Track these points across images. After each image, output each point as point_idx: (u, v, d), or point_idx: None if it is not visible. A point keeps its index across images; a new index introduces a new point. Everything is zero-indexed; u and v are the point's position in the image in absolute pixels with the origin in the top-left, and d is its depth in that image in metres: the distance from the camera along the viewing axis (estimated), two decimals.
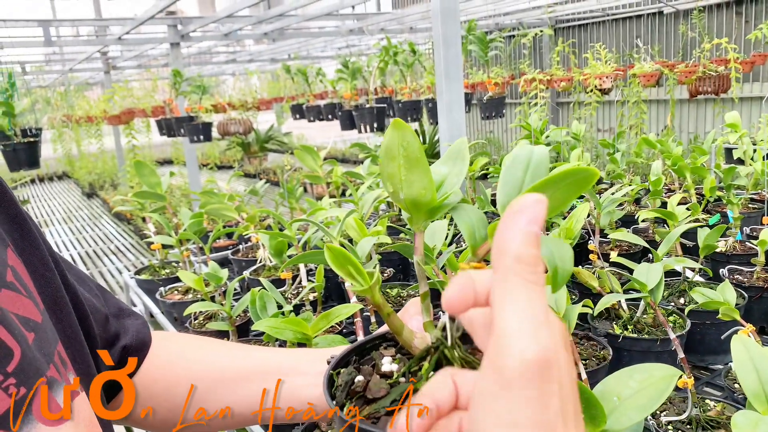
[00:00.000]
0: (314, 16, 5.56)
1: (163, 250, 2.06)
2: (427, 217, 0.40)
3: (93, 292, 0.61)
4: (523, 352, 0.28)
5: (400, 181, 0.37)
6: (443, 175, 0.41)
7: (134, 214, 5.33)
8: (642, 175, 3.01)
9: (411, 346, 0.40)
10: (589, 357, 1.19)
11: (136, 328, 0.64)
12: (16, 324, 0.41)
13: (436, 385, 0.33)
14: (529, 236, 0.30)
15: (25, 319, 0.43)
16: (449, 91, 2.55)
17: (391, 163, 0.37)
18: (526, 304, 0.29)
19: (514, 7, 6.09)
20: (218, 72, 11.31)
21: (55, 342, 0.46)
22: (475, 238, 0.38)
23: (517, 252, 0.30)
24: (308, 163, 2.02)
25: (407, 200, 0.38)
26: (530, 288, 0.29)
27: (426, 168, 0.37)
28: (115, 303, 0.65)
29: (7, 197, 0.51)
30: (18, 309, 0.43)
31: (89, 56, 6.96)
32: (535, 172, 0.37)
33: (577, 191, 0.33)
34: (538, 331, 0.28)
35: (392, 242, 1.58)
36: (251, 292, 1.17)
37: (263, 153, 11.23)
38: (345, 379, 0.39)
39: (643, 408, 0.47)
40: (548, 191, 0.33)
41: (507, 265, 0.30)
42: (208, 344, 0.69)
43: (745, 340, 0.70)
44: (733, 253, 1.62)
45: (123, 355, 0.62)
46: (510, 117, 7.67)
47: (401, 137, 0.36)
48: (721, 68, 3.76)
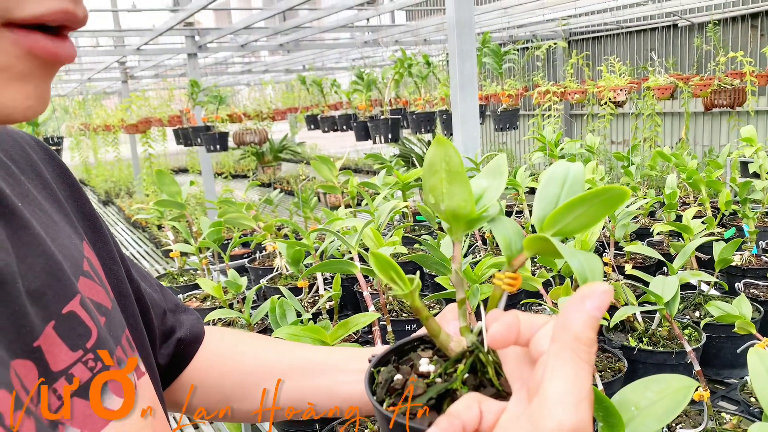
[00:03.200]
0: (329, 28, 5.63)
1: (182, 258, 2.09)
2: (466, 228, 0.41)
3: (154, 288, 0.65)
4: (563, 421, 0.32)
5: (441, 193, 0.39)
6: (483, 188, 0.43)
7: (150, 222, 5.39)
8: (656, 188, 3.01)
9: (447, 348, 0.42)
10: (605, 369, 1.20)
11: (190, 323, 0.68)
12: (92, 308, 0.46)
13: (463, 407, 0.36)
14: (591, 321, 0.34)
15: (98, 304, 0.47)
16: (464, 102, 2.57)
17: (433, 176, 0.39)
18: (574, 379, 0.33)
19: (529, 19, 6.11)
20: (233, 82, 11.43)
21: (122, 328, 0.50)
22: (511, 250, 0.40)
23: (578, 332, 0.34)
24: (324, 173, 2.04)
25: (448, 212, 0.40)
26: (581, 365, 0.33)
27: (466, 181, 0.39)
28: (173, 299, 0.69)
29: (83, 197, 0.56)
30: (93, 295, 0.47)
31: (108, 66, 7.07)
32: (572, 189, 0.39)
33: (609, 209, 0.35)
34: (579, 404, 0.32)
35: (408, 252, 1.60)
36: (271, 300, 1.19)
37: (277, 162, 11.30)
38: (385, 377, 0.41)
39: (661, 418, 0.48)
40: (582, 207, 0.35)
41: (566, 340, 0.34)
42: (257, 340, 0.73)
43: (762, 353, 0.71)
44: (749, 267, 1.62)
45: (178, 347, 0.66)
46: (523, 129, 7.67)
47: (444, 152, 0.38)
48: (736, 81, 3.75)
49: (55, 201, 0.52)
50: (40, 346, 0.40)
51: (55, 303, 0.42)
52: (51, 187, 0.52)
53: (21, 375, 0.37)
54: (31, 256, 0.42)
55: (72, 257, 0.47)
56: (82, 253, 0.49)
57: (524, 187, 1.99)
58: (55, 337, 0.41)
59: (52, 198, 0.51)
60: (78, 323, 0.43)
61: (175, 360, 0.66)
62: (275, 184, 9.40)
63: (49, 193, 0.51)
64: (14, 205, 0.44)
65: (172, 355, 0.66)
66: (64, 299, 0.43)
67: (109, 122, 6.72)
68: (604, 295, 0.34)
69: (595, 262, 0.37)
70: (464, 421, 0.35)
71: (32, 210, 0.47)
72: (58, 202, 0.52)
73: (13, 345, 0.38)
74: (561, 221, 0.37)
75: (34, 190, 0.49)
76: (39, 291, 0.41)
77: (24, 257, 0.42)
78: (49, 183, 0.52)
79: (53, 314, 0.42)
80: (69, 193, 0.55)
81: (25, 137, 0.54)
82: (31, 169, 0.51)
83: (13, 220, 0.43)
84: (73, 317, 0.43)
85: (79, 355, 0.42)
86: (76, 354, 0.42)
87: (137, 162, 8.90)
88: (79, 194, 0.56)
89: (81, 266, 0.48)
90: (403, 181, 1.96)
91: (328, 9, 4.65)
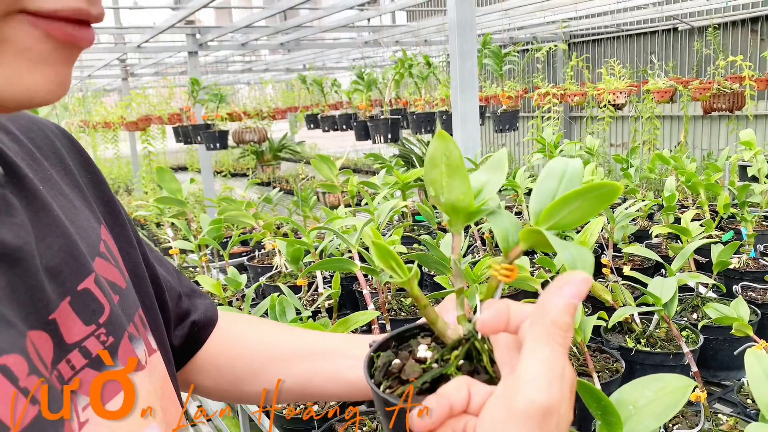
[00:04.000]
0: (330, 28, 5.63)
1: (181, 255, 2.09)
2: (466, 220, 0.42)
3: (170, 272, 0.68)
4: (534, 400, 0.34)
5: (441, 186, 0.40)
6: (483, 182, 0.43)
7: (149, 220, 5.39)
8: (655, 191, 3.02)
9: (445, 336, 0.43)
10: (602, 369, 1.20)
11: (205, 307, 0.71)
12: (106, 286, 0.48)
13: (452, 389, 0.38)
14: (569, 307, 0.36)
15: (112, 284, 0.50)
16: (464, 103, 2.58)
17: (434, 169, 0.40)
18: (549, 359, 0.35)
19: (529, 21, 6.12)
20: (234, 81, 11.43)
21: (136, 307, 0.52)
22: (508, 242, 0.41)
23: (555, 317, 0.36)
24: (324, 172, 2.04)
25: (447, 204, 0.41)
26: (556, 348, 0.35)
27: (465, 175, 0.40)
28: (188, 284, 0.72)
29: (102, 184, 0.58)
30: (107, 275, 0.50)
31: (108, 63, 7.06)
32: (570, 184, 0.39)
33: (603, 203, 0.36)
34: (551, 384, 0.35)
35: (407, 251, 1.60)
36: (271, 298, 1.20)
37: (276, 161, 11.30)
38: (383, 361, 0.43)
39: (659, 416, 0.49)
40: (577, 202, 0.36)
41: (544, 324, 0.36)
42: (265, 325, 0.75)
43: (759, 354, 0.71)
44: (747, 270, 1.62)
45: (192, 329, 0.69)
46: (523, 130, 7.68)
47: (444, 147, 0.39)
48: (735, 85, 3.76)
49: (76, 186, 0.54)
50: (55, 319, 0.42)
51: (71, 280, 0.45)
52: (72, 173, 0.55)
53: (37, 345, 0.39)
54: (50, 236, 0.45)
55: (89, 239, 0.50)
56: (99, 236, 0.52)
57: (523, 188, 1.99)
58: (70, 312, 0.44)
59: (73, 183, 0.54)
60: (92, 299, 0.46)
61: (189, 341, 0.68)
62: (274, 182, 9.40)
63: (71, 179, 0.54)
64: (36, 188, 0.46)
65: (186, 336, 0.68)
66: (80, 277, 0.45)
67: (109, 119, 6.71)
68: (582, 283, 0.36)
69: (586, 254, 0.37)
70: (452, 402, 0.37)
71: (53, 194, 0.49)
72: (78, 187, 0.54)
73: (29, 317, 0.40)
74: (557, 215, 0.38)
75: (56, 176, 0.52)
76: (56, 268, 0.44)
77: (44, 237, 0.44)
78: (70, 169, 0.55)
79: (69, 290, 0.44)
80: (89, 179, 0.57)
81: (49, 125, 0.56)
82: (54, 155, 0.54)
83: (34, 202, 0.45)
84: (87, 294, 0.45)
85: (92, 329, 0.45)
86: (90, 328, 0.45)
87: (136, 159, 8.88)
88: (99, 181, 0.58)
89: (97, 247, 0.50)
90: (403, 181, 1.97)
91: (329, 9, 4.66)
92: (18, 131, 0.51)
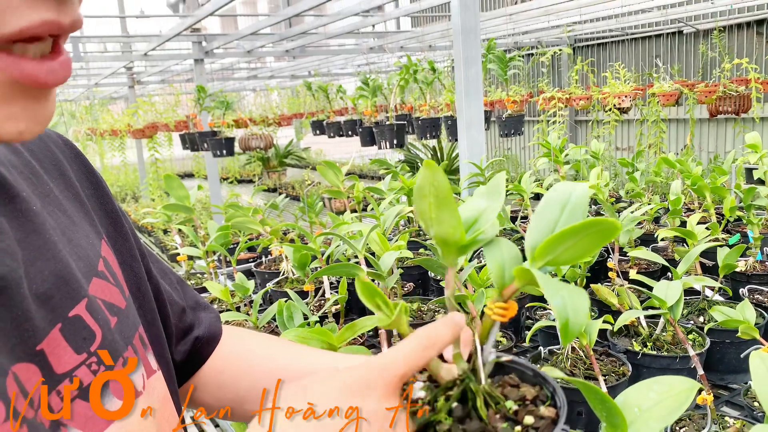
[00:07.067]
0: (335, 35, 5.65)
1: (189, 262, 2.11)
2: (458, 254, 0.40)
3: (173, 285, 0.66)
4: None
5: (430, 218, 0.38)
6: (479, 210, 0.41)
7: (156, 227, 5.42)
8: (661, 195, 3.01)
9: (438, 376, 0.42)
10: (609, 373, 1.21)
11: (209, 321, 0.69)
12: (102, 309, 0.47)
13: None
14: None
15: (110, 305, 0.48)
16: (469, 108, 2.58)
17: (422, 200, 0.38)
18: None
19: (534, 26, 6.13)
20: (239, 88, 11.48)
21: (136, 326, 0.51)
22: (504, 278, 0.39)
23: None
24: (330, 178, 2.06)
25: (437, 238, 0.39)
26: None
27: (453, 207, 0.38)
28: (193, 296, 0.70)
29: (105, 195, 0.57)
30: (105, 296, 0.48)
31: (115, 71, 7.12)
32: (571, 216, 0.37)
33: (602, 241, 0.35)
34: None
35: (413, 256, 1.61)
36: (278, 303, 1.20)
37: (282, 168, 11.33)
38: None
39: (663, 419, 0.49)
40: (574, 239, 0.34)
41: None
42: (270, 342, 0.73)
43: (764, 356, 0.71)
44: (753, 273, 1.62)
45: (194, 345, 0.67)
46: (528, 134, 7.68)
47: (432, 177, 0.37)
48: (741, 88, 3.75)
49: (77, 200, 0.53)
50: (43, 349, 0.40)
51: (63, 306, 0.43)
52: (74, 185, 0.53)
53: (22, 379, 0.38)
54: (40, 260, 0.43)
55: (87, 258, 0.48)
56: (98, 253, 0.50)
57: (529, 193, 2.00)
58: (61, 340, 0.42)
59: (74, 197, 0.53)
60: (83, 327, 0.44)
61: (192, 357, 0.67)
62: (280, 189, 9.42)
63: (72, 192, 0.53)
64: (29, 208, 0.44)
65: (189, 352, 0.66)
66: (72, 302, 0.44)
67: (116, 127, 6.76)
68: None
69: (579, 300, 0.35)
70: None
71: (51, 210, 0.48)
72: (79, 200, 0.53)
73: (15, 349, 0.38)
74: (553, 251, 0.36)
75: (56, 189, 0.50)
76: (47, 294, 0.42)
77: (34, 261, 0.42)
78: (72, 182, 0.53)
79: (60, 317, 0.42)
80: (92, 191, 0.56)
81: (53, 137, 0.55)
82: (55, 168, 0.52)
83: (26, 223, 0.44)
84: (78, 321, 0.44)
85: (84, 358, 0.43)
86: (81, 357, 0.43)
87: (143, 167, 8.93)
88: (102, 192, 0.57)
89: (96, 266, 0.49)
90: (409, 186, 1.97)
91: (334, 15, 4.68)
92: (18, 143, 0.50)
